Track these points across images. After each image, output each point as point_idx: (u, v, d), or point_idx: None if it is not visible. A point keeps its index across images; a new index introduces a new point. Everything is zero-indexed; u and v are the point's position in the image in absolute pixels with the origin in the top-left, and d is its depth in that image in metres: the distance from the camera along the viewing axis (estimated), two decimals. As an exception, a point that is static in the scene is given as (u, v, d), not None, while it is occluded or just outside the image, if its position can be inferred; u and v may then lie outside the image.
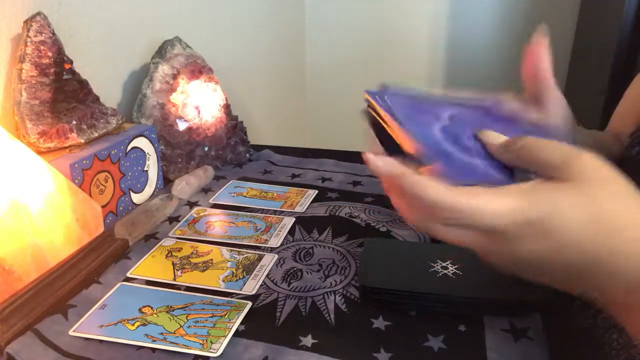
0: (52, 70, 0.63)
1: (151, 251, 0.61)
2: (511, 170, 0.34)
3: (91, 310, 0.50)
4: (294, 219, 0.68)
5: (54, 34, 0.63)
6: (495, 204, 0.29)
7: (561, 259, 0.29)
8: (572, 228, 0.29)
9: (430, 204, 0.30)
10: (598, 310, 0.45)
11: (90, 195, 0.63)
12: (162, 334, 0.46)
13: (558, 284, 0.33)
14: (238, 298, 0.52)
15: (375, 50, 1.74)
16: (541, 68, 0.38)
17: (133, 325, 0.48)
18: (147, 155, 0.75)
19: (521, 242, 0.30)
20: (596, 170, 0.30)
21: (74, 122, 0.65)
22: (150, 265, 0.58)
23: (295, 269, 0.57)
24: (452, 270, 0.52)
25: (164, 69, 0.80)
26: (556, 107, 0.39)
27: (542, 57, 0.38)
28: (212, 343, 0.45)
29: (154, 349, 0.45)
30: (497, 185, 0.31)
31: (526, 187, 0.30)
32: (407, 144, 0.34)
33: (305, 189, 0.78)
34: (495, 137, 0.35)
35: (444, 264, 0.52)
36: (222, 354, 0.44)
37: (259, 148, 0.95)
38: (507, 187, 0.31)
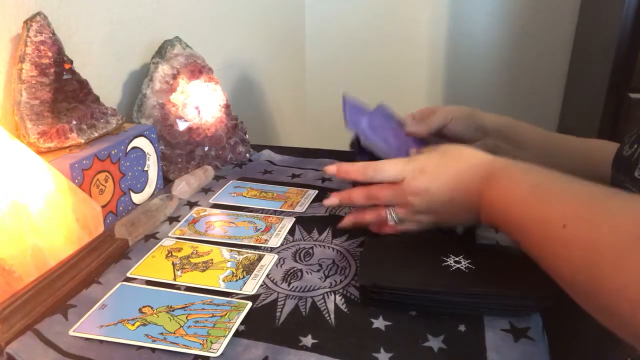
0: (52, 70, 0.63)
1: (151, 251, 0.61)
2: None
3: (91, 310, 0.50)
4: (294, 219, 0.68)
5: (54, 34, 0.63)
6: (392, 162, 0.58)
7: (442, 177, 0.54)
8: (439, 162, 0.56)
9: (374, 168, 0.57)
10: None
11: (90, 195, 0.63)
12: (162, 334, 0.46)
13: (454, 206, 0.54)
14: (238, 298, 0.52)
15: (375, 50, 1.74)
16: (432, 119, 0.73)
17: (133, 325, 0.48)
18: (147, 155, 0.75)
19: (419, 177, 0.55)
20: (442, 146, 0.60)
21: (74, 122, 0.65)
22: (150, 265, 0.58)
23: (295, 269, 0.57)
24: (455, 266, 0.52)
25: (164, 69, 0.80)
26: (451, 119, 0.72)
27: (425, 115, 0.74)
28: (212, 343, 0.45)
29: (154, 349, 0.45)
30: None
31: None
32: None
33: (305, 189, 0.78)
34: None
35: (445, 262, 0.52)
36: (222, 354, 0.44)
37: (259, 148, 0.95)
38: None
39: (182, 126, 0.81)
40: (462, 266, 0.52)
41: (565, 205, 0.41)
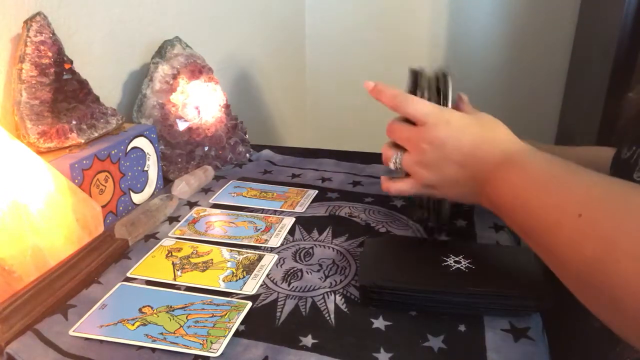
0: (52, 70, 0.63)
1: (151, 251, 0.61)
2: None
3: (91, 310, 0.50)
4: (294, 219, 0.68)
5: (54, 34, 0.63)
6: (424, 102, 0.54)
7: (460, 137, 0.52)
8: (464, 122, 0.53)
9: (404, 99, 0.55)
10: None
11: (90, 195, 0.63)
12: (162, 334, 0.46)
13: (459, 176, 0.52)
14: (238, 298, 0.52)
15: (375, 50, 1.74)
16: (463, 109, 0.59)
17: (133, 325, 0.48)
18: (147, 155, 0.75)
19: (439, 126, 0.52)
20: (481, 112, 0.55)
21: (74, 122, 0.65)
22: (150, 265, 0.58)
23: (295, 269, 0.57)
24: (455, 266, 0.52)
25: (164, 69, 0.80)
26: None
27: (463, 100, 0.60)
28: (212, 343, 0.45)
29: (154, 349, 0.45)
30: None
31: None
32: None
33: (305, 189, 0.78)
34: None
35: (445, 262, 0.52)
36: (222, 354, 0.44)
37: (259, 148, 0.95)
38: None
39: (182, 126, 0.81)
40: (462, 266, 0.52)
41: (583, 195, 0.40)
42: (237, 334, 0.47)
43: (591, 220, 0.38)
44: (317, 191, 0.77)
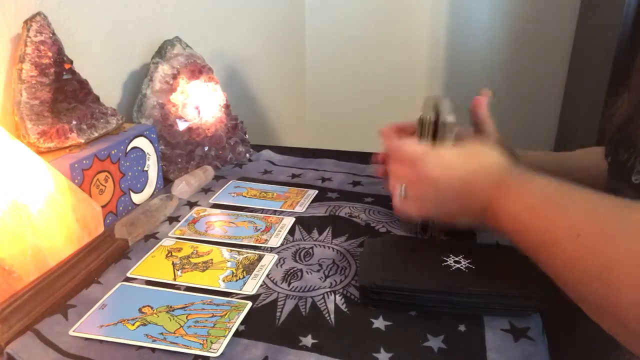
0: (52, 70, 0.63)
1: (151, 251, 0.61)
2: None
3: (91, 310, 0.50)
4: (294, 219, 0.68)
5: (54, 34, 0.63)
6: (415, 144, 0.56)
7: (452, 172, 0.53)
8: (453, 154, 0.54)
9: (398, 149, 0.57)
10: None
11: (90, 195, 0.63)
12: (162, 334, 0.46)
13: (457, 204, 0.53)
14: (238, 298, 0.52)
15: (375, 50, 1.74)
16: (481, 112, 0.65)
17: (133, 325, 0.48)
18: (147, 155, 0.75)
19: (431, 165, 0.53)
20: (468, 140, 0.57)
21: (74, 122, 0.65)
22: (150, 265, 0.58)
23: (295, 269, 0.57)
24: (455, 266, 0.52)
25: (164, 69, 0.80)
26: (490, 133, 0.64)
27: (482, 105, 0.65)
28: (212, 343, 0.45)
29: (154, 349, 0.45)
30: None
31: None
32: None
33: (305, 189, 0.78)
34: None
35: (444, 262, 0.52)
36: (222, 354, 0.44)
37: (259, 148, 0.95)
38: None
39: (182, 126, 0.81)
40: (461, 266, 0.52)
41: (579, 215, 0.41)
42: (237, 334, 0.47)
43: (589, 241, 0.38)
44: (317, 191, 0.77)
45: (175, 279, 0.55)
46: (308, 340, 0.46)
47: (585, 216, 0.41)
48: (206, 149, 0.84)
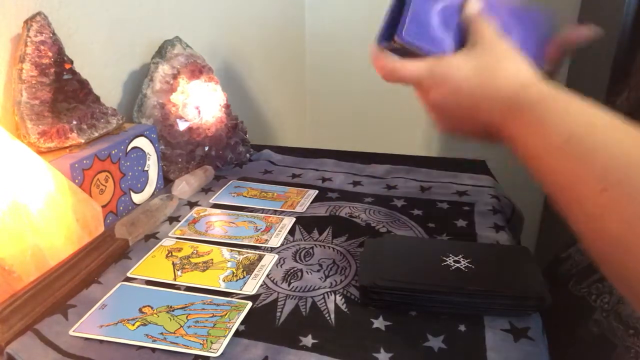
0: (52, 70, 0.63)
1: (151, 251, 0.61)
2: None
3: (91, 310, 0.50)
4: (294, 219, 0.68)
5: (54, 34, 0.63)
6: (415, 65, 0.46)
7: (457, 98, 0.44)
8: (457, 76, 0.44)
9: (392, 68, 0.48)
10: (592, 281, 0.55)
11: (91, 195, 0.63)
12: (162, 334, 0.46)
13: (470, 127, 0.46)
14: (238, 298, 0.52)
15: (375, 50, 1.74)
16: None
17: (133, 325, 0.48)
18: (147, 155, 0.75)
19: (434, 89, 0.46)
20: (494, 39, 0.44)
21: (74, 122, 0.65)
22: (150, 265, 0.58)
23: (295, 269, 0.57)
24: (454, 266, 0.52)
25: (164, 69, 0.80)
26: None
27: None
28: (212, 343, 0.45)
29: (154, 349, 0.45)
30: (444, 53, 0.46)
31: (437, 57, 0.46)
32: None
33: (305, 189, 0.78)
34: (474, 4, 0.47)
35: (444, 262, 0.52)
36: (222, 354, 0.44)
37: (259, 148, 0.95)
38: (436, 56, 0.46)
39: (182, 126, 0.81)
40: (461, 266, 0.52)
41: (608, 165, 0.34)
42: (237, 334, 0.47)
43: (615, 197, 0.33)
44: (317, 191, 0.77)
45: (175, 279, 0.55)
46: (308, 340, 0.46)
47: (616, 167, 0.33)
48: (206, 148, 0.84)
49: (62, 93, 0.66)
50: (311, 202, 0.74)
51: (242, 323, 0.48)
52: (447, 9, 0.48)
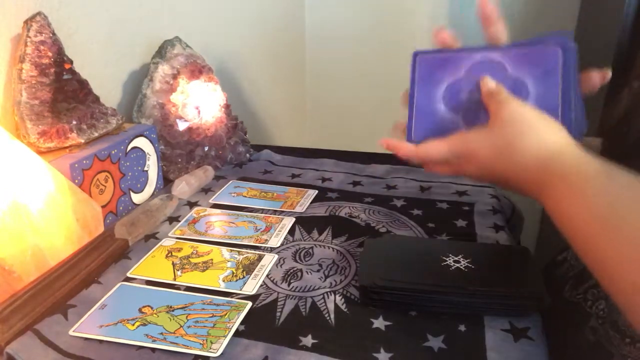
0: (52, 70, 0.63)
1: (151, 251, 0.61)
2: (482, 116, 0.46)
3: (91, 310, 0.50)
4: (294, 219, 0.68)
5: (54, 34, 0.63)
6: (435, 149, 0.47)
7: (490, 172, 0.45)
8: (480, 154, 0.44)
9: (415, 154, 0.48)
10: (588, 287, 0.55)
11: (90, 195, 0.63)
12: (162, 334, 0.46)
13: (508, 189, 0.46)
14: (238, 298, 0.52)
15: (375, 50, 1.74)
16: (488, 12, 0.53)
17: (133, 325, 0.48)
18: (147, 155, 0.75)
19: (464, 165, 0.46)
20: (511, 116, 0.43)
21: (74, 122, 0.65)
22: (150, 265, 0.58)
23: (295, 269, 0.57)
24: (454, 266, 0.52)
25: (164, 69, 0.80)
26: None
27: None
28: (212, 343, 0.45)
29: (154, 349, 0.45)
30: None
31: (458, 135, 0.46)
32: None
33: (305, 189, 0.78)
34: (489, 82, 0.47)
35: (444, 262, 0.52)
36: (222, 354, 0.44)
37: (259, 148, 0.95)
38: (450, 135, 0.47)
39: (182, 126, 0.81)
40: (461, 266, 0.52)
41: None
42: (237, 334, 0.47)
43: None
44: (317, 191, 0.77)
45: (175, 279, 0.55)
46: (308, 340, 0.46)
47: None
48: (206, 149, 0.84)
49: (62, 93, 0.66)
50: (311, 202, 0.74)
51: (242, 323, 0.48)
52: (453, 87, 0.49)
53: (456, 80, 0.48)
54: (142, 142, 0.73)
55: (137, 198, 0.74)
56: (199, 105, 0.83)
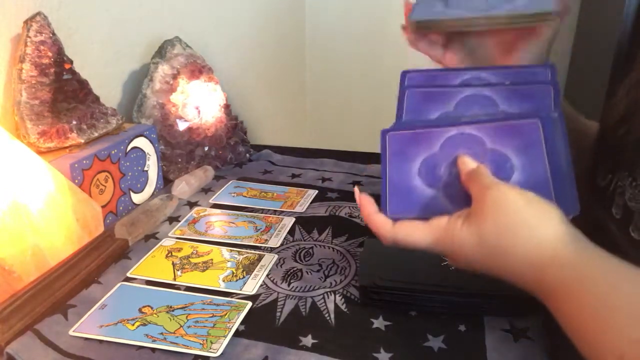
0: (52, 70, 0.63)
1: (151, 251, 0.61)
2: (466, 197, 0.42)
3: (91, 310, 0.50)
4: (294, 219, 0.68)
5: (54, 34, 0.63)
6: (418, 238, 0.43)
7: (472, 267, 0.41)
8: (467, 252, 0.40)
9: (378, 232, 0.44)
10: None
11: (90, 195, 0.63)
12: (162, 334, 0.46)
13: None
14: (238, 298, 0.52)
15: (375, 50, 1.74)
16: None
17: (133, 325, 0.48)
18: (147, 155, 0.75)
19: (450, 257, 0.42)
20: (497, 203, 0.39)
21: (74, 122, 0.65)
22: (150, 265, 0.58)
23: (295, 269, 0.57)
24: (454, 266, 0.52)
25: (164, 69, 0.80)
26: None
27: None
28: (212, 343, 0.45)
29: (154, 349, 0.45)
30: (441, 213, 0.42)
31: (441, 224, 0.42)
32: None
33: (305, 189, 0.78)
34: (468, 163, 0.42)
35: (444, 261, 0.52)
36: (222, 354, 0.44)
37: (259, 148, 0.95)
38: (433, 220, 0.42)
39: (182, 126, 0.81)
40: (462, 266, 0.52)
41: (628, 327, 0.32)
42: (237, 334, 0.47)
43: None
44: (317, 191, 0.77)
45: (175, 279, 0.55)
46: (308, 340, 0.46)
47: (634, 330, 0.32)
48: (206, 149, 0.84)
49: (62, 93, 0.66)
50: (311, 202, 0.74)
51: (242, 323, 0.48)
52: (429, 162, 0.44)
53: (431, 155, 0.44)
54: (142, 142, 0.73)
55: (137, 198, 0.74)
56: (199, 105, 0.83)
